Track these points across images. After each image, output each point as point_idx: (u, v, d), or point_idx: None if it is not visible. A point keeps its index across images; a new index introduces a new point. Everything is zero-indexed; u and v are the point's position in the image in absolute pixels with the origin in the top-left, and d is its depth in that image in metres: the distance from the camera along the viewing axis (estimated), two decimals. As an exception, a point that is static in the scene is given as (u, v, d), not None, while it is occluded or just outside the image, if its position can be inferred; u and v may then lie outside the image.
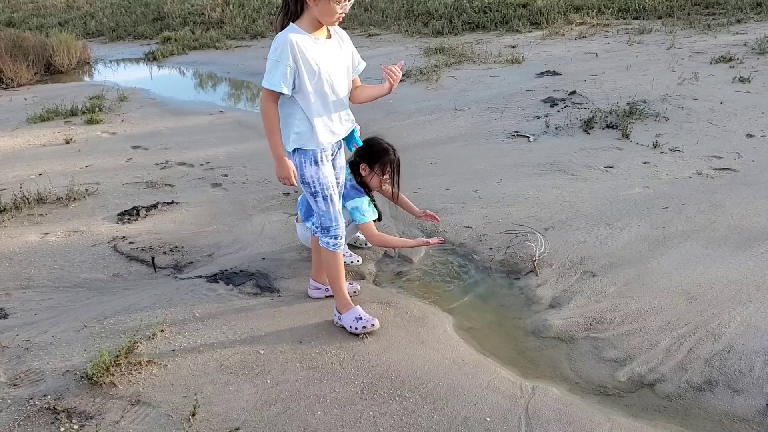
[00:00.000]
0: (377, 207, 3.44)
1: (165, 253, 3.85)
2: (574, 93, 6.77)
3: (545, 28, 10.76)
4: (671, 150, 5.04)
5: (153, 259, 3.74)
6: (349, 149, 3.04)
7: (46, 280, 3.57)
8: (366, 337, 2.86)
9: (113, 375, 2.55)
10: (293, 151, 2.74)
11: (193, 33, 13.96)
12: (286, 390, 2.53)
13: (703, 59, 7.66)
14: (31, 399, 2.46)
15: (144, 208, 4.52)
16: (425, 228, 4.00)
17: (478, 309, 3.23)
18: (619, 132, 5.50)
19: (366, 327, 2.88)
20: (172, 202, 4.66)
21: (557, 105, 6.51)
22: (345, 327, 2.91)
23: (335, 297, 2.98)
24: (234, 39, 13.24)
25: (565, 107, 6.40)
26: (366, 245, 3.80)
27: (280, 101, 2.68)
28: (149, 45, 13.52)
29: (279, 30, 2.65)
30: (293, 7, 2.62)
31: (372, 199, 3.41)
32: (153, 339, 2.84)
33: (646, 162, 4.85)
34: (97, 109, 7.72)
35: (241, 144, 6.29)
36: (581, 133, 5.67)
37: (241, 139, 6.47)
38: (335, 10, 2.54)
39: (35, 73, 10.60)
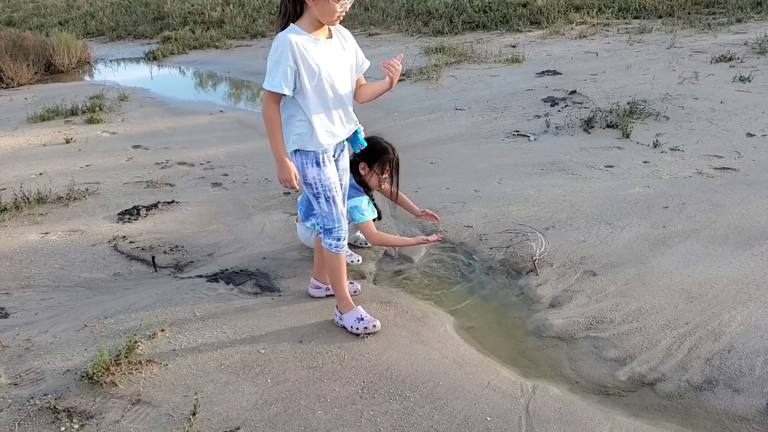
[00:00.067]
0: (377, 206, 3.44)
1: (165, 253, 3.85)
2: (574, 92, 6.76)
3: (545, 27, 10.76)
4: (671, 149, 5.04)
5: (153, 259, 3.74)
6: (354, 151, 3.01)
7: (46, 279, 3.57)
8: (366, 337, 2.86)
9: (114, 374, 2.55)
10: (295, 152, 2.73)
11: (194, 32, 13.97)
12: (286, 389, 2.53)
13: (704, 59, 7.66)
14: (32, 398, 2.46)
15: (144, 207, 4.53)
16: (425, 227, 4.00)
17: (478, 308, 3.22)
18: (620, 131, 5.50)
19: (367, 328, 2.88)
20: (172, 201, 4.66)
21: (557, 104, 6.50)
22: (346, 327, 2.91)
23: (337, 297, 2.98)
24: (234, 38, 13.25)
25: (566, 107, 6.39)
26: (366, 245, 3.80)
27: (282, 102, 2.67)
28: (149, 44, 13.52)
29: (279, 31, 2.64)
30: (291, 9, 2.61)
31: (371, 198, 3.41)
32: (153, 338, 2.84)
33: (646, 161, 4.85)
34: (98, 109, 7.72)
35: (242, 143, 6.29)
36: (581, 133, 5.67)
37: (242, 139, 6.47)
38: (335, 9, 2.53)
39: (35, 73, 10.61)
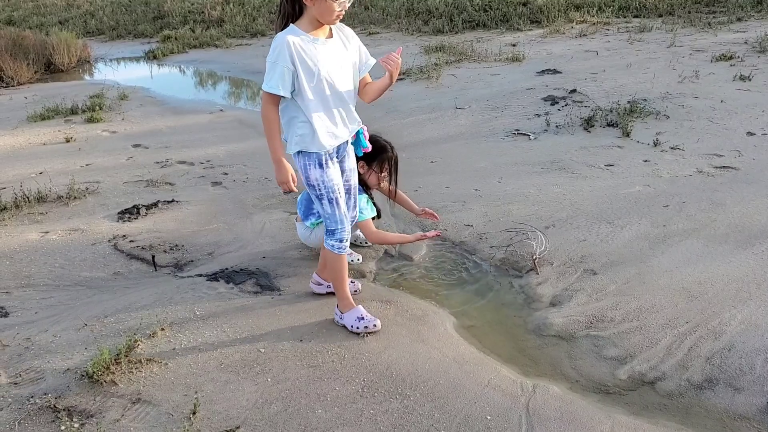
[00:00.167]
0: (376, 204, 3.44)
1: (165, 252, 3.85)
2: (574, 91, 6.76)
3: (546, 26, 10.76)
4: (672, 148, 5.03)
5: (153, 258, 3.74)
6: (358, 153, 2.99)
7: (46, 278, 3.57)
8: (366, 336, 2.86)
9: (114, 373, 2.55)
10: (297, 154, 2.71)
11: (193, 31, 13.97)
12: (286, 388, 2.53)
13: (704, 57, 7.65)
14: (32, 397, 2.46)
15: (144, 206, 4.52)
16: (426, 226, 4.00)
17: (478, 307, 3.22)
18: (620, 130, 5.50)
19: (368, 327, 2.87)
20: (172, 200, 4.66)
21: (558, 103, 6.50)
22: (346, 326, 2.91)
23: (338, 297, 2.97)
24: (234, 37, 13.25)
25: (566, 105, 6.39)
26: (366, 243, 3.80)
27: (283, 104, 2.65)
28: (149, 43, 13.52)
29: (279, 32, 2.62)
30: (289, 9, 2.60)
31: (371, 197, 3.41)
32: (153, 337, 2.84)
33: (646, 160, 4.85)
34: (98, 108, 7.72)
35: (242, 142, 6.29)
36: (582, 132, 5.67)
37: (242, 138, 6.47)
38: (333, 8, 2.52)
39: (35, 72, 10.61)
